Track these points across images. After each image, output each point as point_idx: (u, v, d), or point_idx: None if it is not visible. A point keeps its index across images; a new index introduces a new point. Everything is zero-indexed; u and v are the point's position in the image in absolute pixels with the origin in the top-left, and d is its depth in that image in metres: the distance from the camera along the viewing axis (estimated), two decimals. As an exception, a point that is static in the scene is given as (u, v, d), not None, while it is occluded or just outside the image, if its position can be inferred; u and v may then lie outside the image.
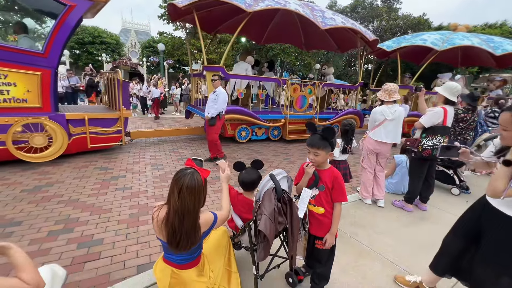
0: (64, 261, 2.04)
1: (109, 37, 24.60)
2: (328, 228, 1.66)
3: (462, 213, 1.66)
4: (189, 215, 1.25)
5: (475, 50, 8.54)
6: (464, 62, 10.91)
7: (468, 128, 4.32)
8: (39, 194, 3.15)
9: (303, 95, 6.98)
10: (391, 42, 9.22)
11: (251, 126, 6.59)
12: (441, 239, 2.27)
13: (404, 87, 8.23)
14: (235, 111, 6.01)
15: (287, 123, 6.83)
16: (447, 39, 7.70)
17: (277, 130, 7.06)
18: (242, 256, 2.17)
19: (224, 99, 4.54)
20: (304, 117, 7.26)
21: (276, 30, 8.76)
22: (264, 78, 7.23)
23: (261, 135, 6.88)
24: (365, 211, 3.22)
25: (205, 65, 5.81)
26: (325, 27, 5.99)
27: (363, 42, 7.60)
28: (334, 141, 1.59)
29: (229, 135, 6.38)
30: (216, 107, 4.49)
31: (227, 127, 6.28)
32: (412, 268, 2.21)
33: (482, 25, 24.93)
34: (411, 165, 3.34)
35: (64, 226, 2.52)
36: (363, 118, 8.45)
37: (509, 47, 7.54)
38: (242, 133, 6.53)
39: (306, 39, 9.18)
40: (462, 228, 1.63)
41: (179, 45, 19.76)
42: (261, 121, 6.41)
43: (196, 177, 1.27)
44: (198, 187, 1.26)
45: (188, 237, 1.26)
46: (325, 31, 7.76)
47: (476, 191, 4.20)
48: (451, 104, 2.96)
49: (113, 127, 4.92)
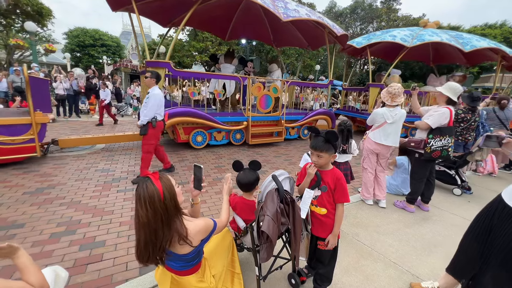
0: (67, 263, 2.05)
1: (110, 40, 24.73)
2: (331, 229, 1.66)
3: (477, 214, 1.63)
4: (146, 229, 1.14)
5: (445, 47, 8.52)
6: (436, 60, 10.86)
7: (469, 128, 4.32)
8: (41, 196, 3.16)
9: (267, 94, 6.35)
10: (361, 38, 9.00)
11: (208, 130, 5.87)
12: (443, 239, 2.27)
13: (375, 85, 8.10)
14: (184, 113, 5.23)
15: (249, 125, 6.17)
16: (417, 36, 7.58)
17: (239, 134, 6.39)
18: (244, 257, 2.17)
19: (156, 102, 3.64)
20: (269, 119, 6.74)
21: (241, 25, 8.25)
22: (218, 75, 6.24)
23: (221, 140, 6.18)
24: (366, 212, 3.22)
25: (148, 60, 5.03)
26: (287, 18, 5.46)
27: (332, 38, 7.27)
28: (337, 144, 1.59)
29: (182, 140, 5.64)
30: (146, 112, 3.62)
31: (180, 131, 5.55)
32: (415, 269, 2.20)
33: (482, 26, 24.96)
34: (415, 166, 3.29)
35: (66, 228, 2.53)
36: (335, 119, 8.10)
37: (478, 43, 7.47)
38: (198, 138, 5.78)
39: (274, 35, 8.78)
40: (476, 229, 1.59)
41: (180, 48, 19.82)
42: (219, 124, 5.74)
43: (146, 187, 1.14)
44: (147, 198, 1.12)
45: (149, 253, 1.17)
46: (294, 27, 7.57)
47: (477, 191, 4.19)
48: (453, 104, 2.96)
49: (24, 136, 4.05)
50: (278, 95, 6.57)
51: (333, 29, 6.69)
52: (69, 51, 22.96)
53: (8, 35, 16.54)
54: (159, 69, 4.91)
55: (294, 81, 7.34)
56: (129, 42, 27.52)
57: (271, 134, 6.91)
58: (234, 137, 6.34)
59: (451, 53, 9.28)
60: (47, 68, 15.78)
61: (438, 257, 2.40)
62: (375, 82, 8.37)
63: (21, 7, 14.64)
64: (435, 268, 2.22)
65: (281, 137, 6.82)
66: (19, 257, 1.00)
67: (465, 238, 1.68)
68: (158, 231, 1.14)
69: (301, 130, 7.66)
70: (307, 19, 5.99)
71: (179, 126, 5.49)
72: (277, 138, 6.80)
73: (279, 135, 6.85)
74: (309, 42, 8.55)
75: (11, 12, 15.14)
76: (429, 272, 2.18)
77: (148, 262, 1.19)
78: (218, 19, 7.68)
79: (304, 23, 6.78)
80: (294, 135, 7.55)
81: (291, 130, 7.39)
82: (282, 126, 6.72)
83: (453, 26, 25.34)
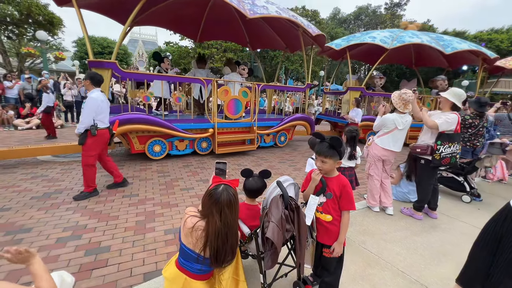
0: (72, 268, 2.06)
1: (117, 47, 25.31)
2: (336, 236, 1.64)
3: (486, 223, 1.59)
4: (231, 230, 1.29)
5: (427, 50, 8.27)
6: (418, 63, 10.68)
7: (478, 134, 4.25)
8: (49, 201, 3.20)
9: (235, 99, 5.77)
10: (341, 40, 8.61)
11: (168, 138, 5.29)
12: (453, 248, 2.21)
13: (355, 89, 7.83)
14: (136, 120, 4.67)
15: (215, 133, 5.60)
16: (397, 37, 7.35)
17: (206, 142, 5.79)
18: (249, 264, 2.15)
19: (94, 107, 3.22)
20: (239, 125, 6.11)
21: (213, 26, 7.72)
22: (179, 77, 5.72)
23: (184, 149, 5.59)
24: (373, 219, 3.17)
25: (90, 60, 4.43)
26: (253, 15, 5.03)
27: (309, 39, 6.85)
28: (342, 150, 1.58)
29: (137, 151, 5.03)
30: (82, 119, 3.23)
31: (134, 141, 4.96)
32: (424, 278, 2.15)
33: (488, 31, 24.80)
34: (423, 173, 3.20)
35: (72, 233, 2.55)
36: (314, 125, 7.65)
37: (458, 45, 7.31)
38: (156, 148, 5.20)
39: (250, 37, 8.30)
40: (485, 238, 1.56)
41: (185, 54, 20.16)
42: (180, 132, 5.16)
43: (231, 192, 1.29)
44: (234, 201, 1.29)
45: (232, 250, 1.30)
46: (270, 28, 7.13)
47: (487, 198, 4.09)
48: (457, 110, 2.93)
49: None
50: (249, 99, 5.97)
51: (308, 29, 6.23)
52: (78, 58, 23.59)
53: (20, 43, 17.07)
54: (103, 70, 4.38)
55: (266, 85, 6.70)
56: (136, 49, 28.13)
57: (243, 142, 6.29)
58: (200, 146, 5.75)
59: (433, 56, 9.12)
60: (56, 76, 16.20)
61: (447, 266, 2.33)
62: (355, 86, 8.08)
63: (33, 16, 15.13)
64: (445, 278, 2.16)
65: (253, 145, 6.24)
66: (34, 264, 1.02)
67: (475, 247, 1.63)
68: (237, 229, 1.34)
69: (277, 137, 7.10)
70: (278, 17, 5.55)
71: (132, 135, 4.91)
72: (249, 146, 6.22)
73: (252, 143, 6.26)
74: (287, 44, 8.07)
75: (23, 21, 15.66)
76: (439, 281, 2.12)
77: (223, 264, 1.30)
78: (187, 19, 7.13)
79: (280, 23, 6.44)
80: (269, 142, 6.98)
81: (266, 137, 6.85)
82: (254, 133, 6.14)
83: (458, 31, 25.25)
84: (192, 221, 1.26)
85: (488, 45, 20.82)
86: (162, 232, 2.66)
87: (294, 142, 8.18)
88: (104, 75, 4.10)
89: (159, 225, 2.80)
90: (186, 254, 1.31)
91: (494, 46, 21.46)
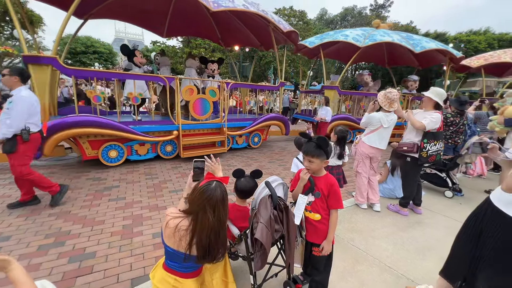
0: (55, 276, 1.97)
1: (102, 47, 24.66)
2: (325, 235, 1.66)
3: (467, 217, 1.66)
4: (223, 226, 1.29)
5: (399, 49, 8.50)
6: (390, 62, 11.04)
7: (459, 131, 4.43)
8: (28, 207, 3.06)
9: (202, 98, 5.40)
10: (314, 38, 8.63)
11: (126, 142, 4.80)
12: (437, 242, 2.27)
13: (330, 87, 7.91)
14: (83, 123, 4.15)
15: (180, 135, 5.24)
16: (369, 36, 7.48)
17: (170, 145, 5.37)
18: (239, 265, 2.13)
19: (24, 108, 2.77)
20: (206, 127, 5.71)
21: (180, 21, 7.28)
22: (128, 75, 4.89)
23: (146, 154, 5.12)
24: (361, 216, 3.23)
25: (25, 55, 3.94)
26: (217, 8, 4.79)
27: (282, 37, 6.67)
28: (329, 150, 1.60)
29: (89, 157, 4.52)
30: (9, 122, 2.70)
31: (85, 146, 4.43)
32: (410, 272, 2.21)
33: (467, 32, 25.88)
34: (409, 170, 3.27)
35: (54, 240, 2.45)
36: (289, 125, 7.37)
37: (427, 44, 7.54)
38: (112, 153, 4.70)
39: (222, 34, 8.02)
40: (467, 232, 1.62)
41: (173, 54, 19.88)
42: (138, 135, 4.69)
43: (223, 189, 1.29)
44: (226, 197, 1.30)
45: (224, 246, 1.31)
46: (243, 24, 6.86)
47: (468, 193, 4.27)
48: (439, 109, 3.04)
49: None
50: (217, 99, 5.64)
51: (279, 25, 5.95)
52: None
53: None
54: (41, 66, 3.99)
55: (236, 83, 6.38)
56: (122, 49, 27.45)
57: (214, 144, 5.94)
58: (164, 149, 5.32)
59: (405, 55, 9.40)
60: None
61: (432, 260, 2.41)
62: (331, 85, 8.13)
63: (10, 14, 14.50)
64: (430, 271, 2.23)
65: (224, 147, 5.91)
66: (12, 270, 0.97)
67: (457, 240, 1.69)
68: (225, 228, 1.31)
69: (250, 138, 6.80)
70: (245, 11, 5.26)
71: (83, 140, 4.40)
72: (220, 149, 5.85)
73: (222, 145, 5.93)
74: (262, 42, 7.80)
75: (0, 19, 14.93)
76: (424, 275, 2.18)
77: (215, 260, 1.30)
78: (151, 13, 6.65)
79: (252, 20, 6.17)
80: (242, 144, 6.65)
81: (239, 139, 6.53)
82: (224, 135, 5.81)
83: (440, 32, 26.19)
84: (175, 222, 1.24)
85: (467, 46, 21.71)
86: (151, 236, 2.60)
87: (282, 141, 8.22)
88: (43, 71, 3.84)
89: (147, 228, 2.74)
90: (172, 255, 1.29)
91: (472, 47, 22.41)
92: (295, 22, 23.25)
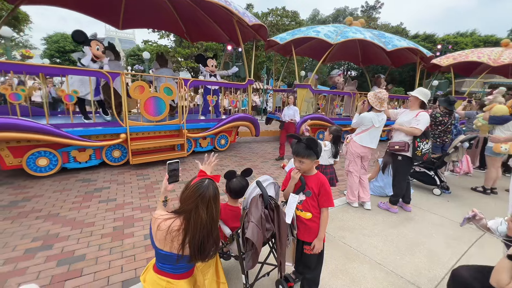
0: (43, 280, 1.93)
1: (92, 46, 24.11)
2: (316, 233, 1.68)
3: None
4: (216, 223, 1.31)
5: (372, 48, 8.58)
6: (364, 61, 11.10)
7: (447, 131, 4.55)
8: (15, 210, 2.98)
9: (156, 96, 4.82)
10: (286, 34, 8.26)
11: (60, 148, 4.12)
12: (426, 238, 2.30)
13: (302, 86, 7.59)
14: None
15: (128, 139, 4.61)
16: (341, 32, 7.33)
17: (119, 150, 4.73)
18: (231, 265, 2.14)
19: None
20: (162, 129, 5.13)
21: (137, 12, 6.69)
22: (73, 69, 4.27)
23: (89, 161, 4.47)
24: (352, 214, 3.28)
25: None
26: None
27: (251, 31, 6.29)
28: (319, 150, 1.62)
29: (11, 166, 3.81)
30: None
31: (4, 153, 3.73)
32: (399, 269, 2.25)
33: (454, 34, 26.57)
34: (400, 169, 3.30)
35: (42, 243, 2.39)
36: (259, 126, 6.87)
37: (398, 42, 7.50)
38: (41, 161, 3.97)
39: (188, 28, 7.59)
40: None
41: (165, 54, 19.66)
42: (74, 139, 4.01)
43: (215, 186, 1.31)
44: (218, 194, 1.31)
45: (216, 243, 1.31)
46: (209, 18, 6.44)
47: (455, 190, 4.39)
48: (425, 108, 3.13)
49: None
50: (174, 97, 5.16)
51: (244, 18, 5.43)
52: (48, 57, 22.15)
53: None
54: None
55: (197, 80, 5.82)
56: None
57: (173, 148, 5.40)
58: (111, 155, 4.67)
59: (378, 54, 9.51)
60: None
61: (421, 256, 2.47)
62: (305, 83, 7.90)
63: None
64: (419, 267, 2.29)
65: (183, 150, 5.30)
66: None
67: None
68: (217, 225, 1.33)
69: (216, 140, 6.23)
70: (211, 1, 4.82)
71: (1, 146, 3.69)
72: (179, 153, 5.25)
73: (182, 149, 5.34)
74: (230, 37, 7.35)
75: (-16, 16, 14.44)
76: (413, 271, 2.24)
77: (207, 258, 1.30)
78: (103, 2, 6.00)
79: (217, 11, 5.72)
80: (206, 146, 6.05)
81: (202, 141, 5.94)
82: (183, 137, 5.23)
83: (428, 34, 26.79)
84: (167, 224, 1.23)
85: (454, 47, 22.30)
86: (142, 237, 2.57)
87: (251, 142, 8.25)
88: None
89: (138, 230, 2.71)
90: (164, 257, 1.27)
91: (460, 48, 23.03)
92: (288, 22, 23.36)
